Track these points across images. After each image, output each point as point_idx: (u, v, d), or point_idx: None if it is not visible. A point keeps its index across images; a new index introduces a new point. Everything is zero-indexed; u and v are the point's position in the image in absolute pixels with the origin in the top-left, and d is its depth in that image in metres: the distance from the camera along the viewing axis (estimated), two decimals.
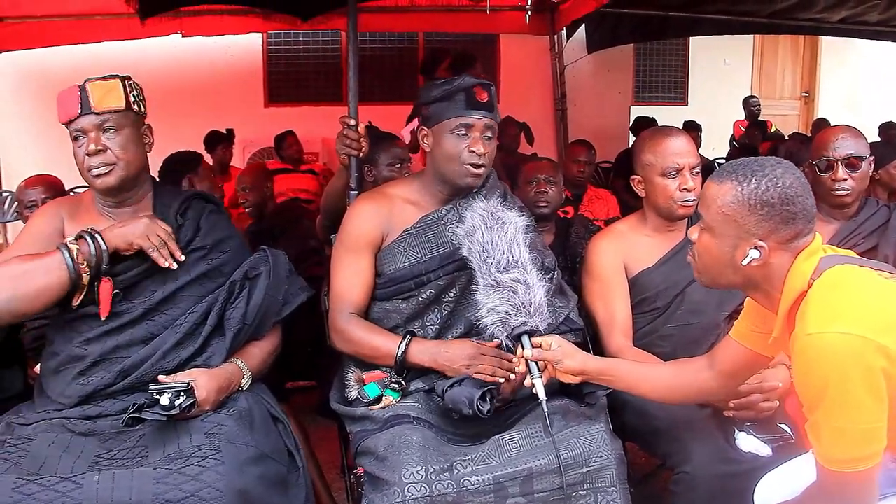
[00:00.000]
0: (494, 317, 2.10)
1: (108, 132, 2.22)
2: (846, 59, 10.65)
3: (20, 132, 7.17)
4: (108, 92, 2.22)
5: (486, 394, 2.15)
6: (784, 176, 1.71)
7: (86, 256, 2.15)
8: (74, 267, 2.13)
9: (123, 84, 2.25)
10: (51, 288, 2.13)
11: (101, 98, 2.21)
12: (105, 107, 2.21)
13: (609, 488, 2.04)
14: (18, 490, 1.87)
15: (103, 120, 2.21)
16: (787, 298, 1.73)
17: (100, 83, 2.23)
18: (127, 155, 2.25)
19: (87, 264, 2.15)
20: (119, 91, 2.23)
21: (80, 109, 2.20)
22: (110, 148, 2.22)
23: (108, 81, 2.24)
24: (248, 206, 4.45)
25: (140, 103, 2.30)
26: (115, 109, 2.22)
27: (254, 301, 2.36)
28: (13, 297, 2.10)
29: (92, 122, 2.21)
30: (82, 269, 2.14)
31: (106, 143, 2.22)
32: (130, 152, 2.26)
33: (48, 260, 2.14)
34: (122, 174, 2.26)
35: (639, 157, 2.59)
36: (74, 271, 2.13)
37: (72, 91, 2.21)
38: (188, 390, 2.11)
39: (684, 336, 2.52)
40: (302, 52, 8.63)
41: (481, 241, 2.17)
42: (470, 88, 2.33)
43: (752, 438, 2.23)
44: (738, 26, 6.89)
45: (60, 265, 2.13)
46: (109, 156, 2.22)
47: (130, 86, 2.27)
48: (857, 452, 1.58)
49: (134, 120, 2.28)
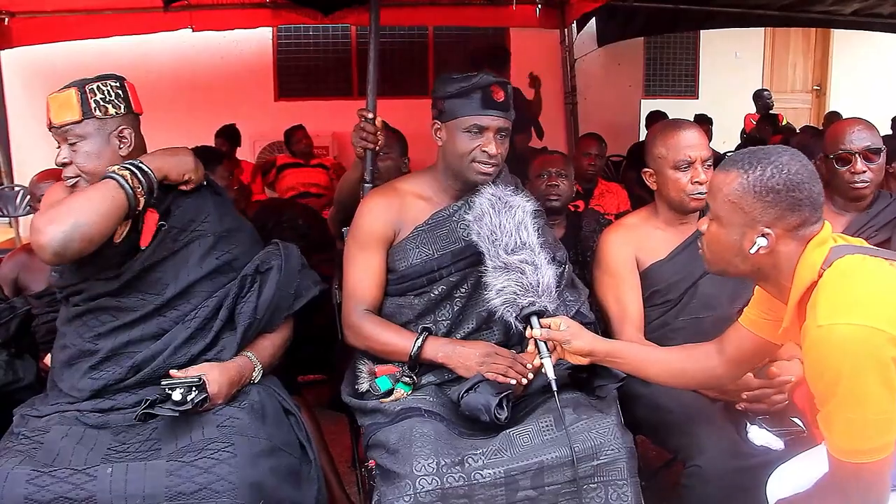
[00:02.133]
0: (503, 297, 2.11)
1: (73, 144, 2.20)
2: (858, 51, 10.58)
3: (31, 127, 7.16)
4: (60, 106, 2.18)
5: (503, 400, 2.16)
6: (790, 163, 1.71)
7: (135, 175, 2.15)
8: (132, 190, 2.12)
9: (80, 93, 2.18)
10: (113, 211, 2.10)
11: (56, 112, 2.18)
12: (61, 121, 2.18)
13: (620, 481, 2.04)
14: (32, 482, 1.89)
15: (64, 132, 2.19)
16: (797, 288, 1.73)
17: (56, 96, 2.19)
18: (89, 165, 2.20)
19: (142, 188, 2.15)
20: (72, 103, 2.17)
21: (49, 121, 2.20)
22: (74, 161, 2.20)
23: (63, 93, 2.18)
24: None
25: (108, 106, 2.21)
26: (70, 122, 2.18)
27: (265, 295, 2.36)
28: (78, 223, 2.05)
29: (58, 133, 2.20)
30: (139, 192, 2.14)
31: (71, 156, 2.20)
32: (94, 161, 2.20)
33: (104, 188, 2.11)
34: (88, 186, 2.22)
35: (650, 150, 2.58)
36: (132, 194, 2.12)
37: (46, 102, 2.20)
38: (200, 385, 2.11)
39: (696, 329, 2.51)
40: (312, 47, 8.64)
41: (490, 224, 2.18)
42: (487, 87, 2.32)
43: (764, 432, 2.23)
44: (750, 19, 6.86)
45: (117, 190, 2.11)
46: (74, 169, 2.21)
47: (92, 91, 2.19)
48: (870, 443, 1.58)
49: (97, 127, 2.20)
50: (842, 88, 10.98)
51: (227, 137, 6.97)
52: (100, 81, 2.22)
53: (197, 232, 2.34)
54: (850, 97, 10.43)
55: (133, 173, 2.14)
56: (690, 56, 10.39)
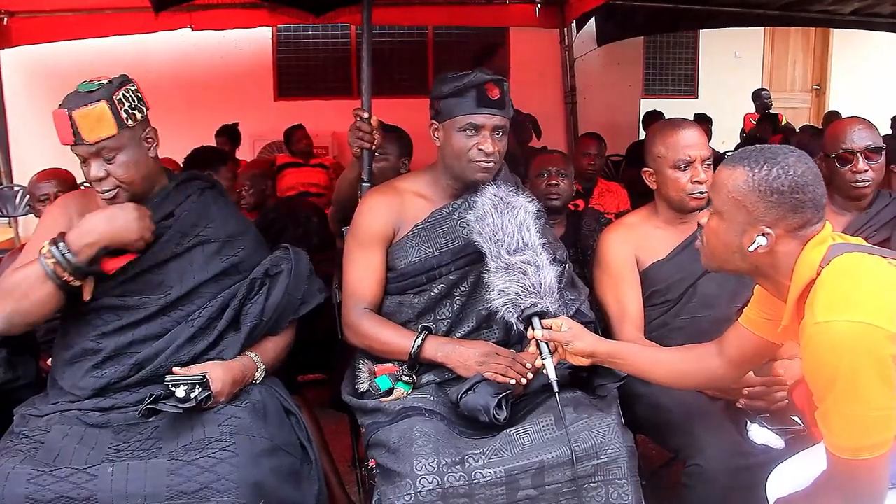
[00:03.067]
0: (505, 298, 2.11)
1: (107, 158, 2.17)
2: (858, 51, 10.58)
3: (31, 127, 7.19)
4: (96, 122, 2.11)
5: (502, 401, 2.16)
6: (796, 164, 1.70)
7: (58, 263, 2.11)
8: (55, 273, 2.10)
9: (111, 105, 2.12)
10: (46, 298, 2.12)
11: (91, 129, 2.11)
12: (97, 137, 2.12)
13: (620, 480, 2.04)
14: (33, 481, 1.89)
15: (99, 148, 2.14)
16: (795, 286, 1.73)
17: (86, 112, 2.10)
18: (129, 175, 2.19)
19: (69, 272, 2.12)
20: (107, 117, 2.12)
21: (73, 139, 2.12)
22: (111, 173, 2.18)
23: (94, 109, 2.10)
24: (246, 205, 4.46)
25: (136, 112, 2.19)
26: (106, 137, 2.13)
27: (273, 299, 2.36)
28: (15, 311, 2.11)
29: (88, 150, 2.14)
30: (66, 278, 2.12)
31: (107, 169, 2.17)
32: (132, 170, 2.20)
33: (33, 270, 2.11)
34: (128, 194, 2.22)
35: (650, 150, 2.58)
36: (56, 278, 2.11)
37: (62, 117, 2.11)
38: (204, 383, 2.12)
39: (696, 329, 2.51)
40: (312, 46, 8.64)
41: (492, 224, 2.18)
42: (481, 85, 2.31)
43: (764, 430, 2.23)
44: (750, 18, 6.86)
45: (44, 275, 2.10)
46: (112, 181, 2.19)
47: (119, 101, 2.15)
48: (868, 440, 1.59)
49: (130, 136, 2.18)
50: (841, 88, 10.99)
51: (229, 137, 6.97)
52: (122, 89, 2.16)
53: (200, 237, 2.34)
54: (850, 96, 10.44)
55: (57, 262, 2.11)
56: (690, 55, 10.40)
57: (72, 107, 2.10)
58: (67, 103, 2.12)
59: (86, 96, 2.12)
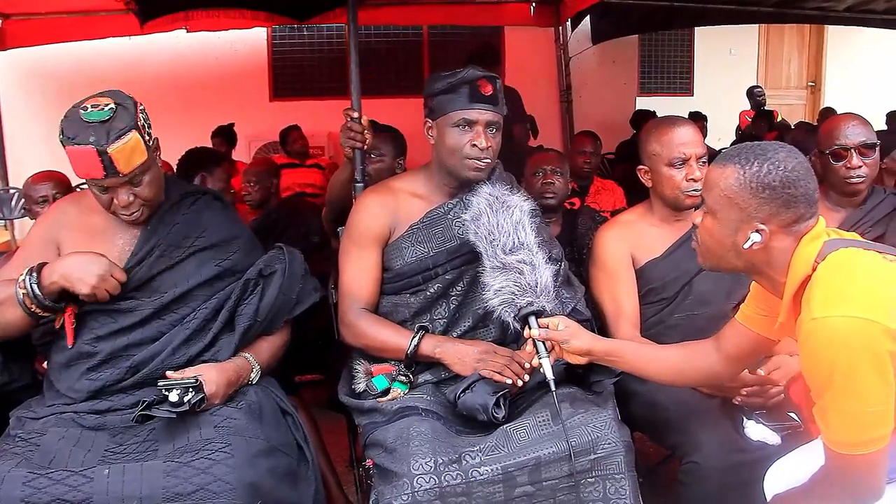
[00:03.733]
0: (501, 298, 2.12)
1: (136, 183, 2.17)
2: (852, 48, 10.60)
3: (27, 129, 7.18)
4: (132, 153, 2.09)
5: (500, 399, 2.16)
6: (786, 160, 1.71)
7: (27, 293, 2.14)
8: (23, 302, 2.14)
9: (140, 134, 2.11)
10: (15, 321, 2.18)
11: (127, 161, 2.09)
12: (133, 167, 2.11)
13: (617, 475, 2.04)
14: (29, 484, 1.88)
15: (132, 176, 2.13)
16: (791, 282, 1.73)
17: (121, 147, 2.05)
18: (153, 193, 2.22)
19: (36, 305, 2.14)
20: (140, 146, 2.11)
21: (104, 173, 2.08)
22: (138, 195, 2.18)
23: (129, 141, 2.07)
24: (251, 201, 4.46)
25: (151, 131, 2.19)
26: (140, 164, 2.13)
27: (267, 298, 2.36)
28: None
29: (120, 181, 2.13)
30: (29, 305, 2.14)
31: (135, 193, 2.17)
32: (155, 188, 2.23)
33: (8, 292, 2.15)
34: (151, 210, 2.26)
35: (645, 147, 2.58)
36: (24, 306, 2.14)
37: (89, 154, 2.04)
38: (197, 386, 2.11)
39: (692, 326, 2.52)
40: (307, 47, 8.62)
41: (487, 224, 2.18)
42: (474, 81, 2.31)
43: (761, 427, 2.23)
44: (745, 15, 6.85)
45: (15, 300, 2.14)
46: (138, 203, 2.20)
47: (142, 125, 2.13)
48: (865, 435, 1.59)
49: (153, 156, 2.19)
50: (836, 84, 11.01)
51: (224, 137, 6.96)
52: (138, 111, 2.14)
53: (193, 247, 2.34)
54: (845, 93, 10.46)
55: (26, 292, 2.13)
56: (685, 53, 10.41)
57: (102, 143, 2.04)
58: (85, 138, 2.04)
59: (108, 127, 2.06)
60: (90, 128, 2.06)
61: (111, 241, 2.29)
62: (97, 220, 2.30)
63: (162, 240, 2.30)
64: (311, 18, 5.33)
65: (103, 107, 2.09)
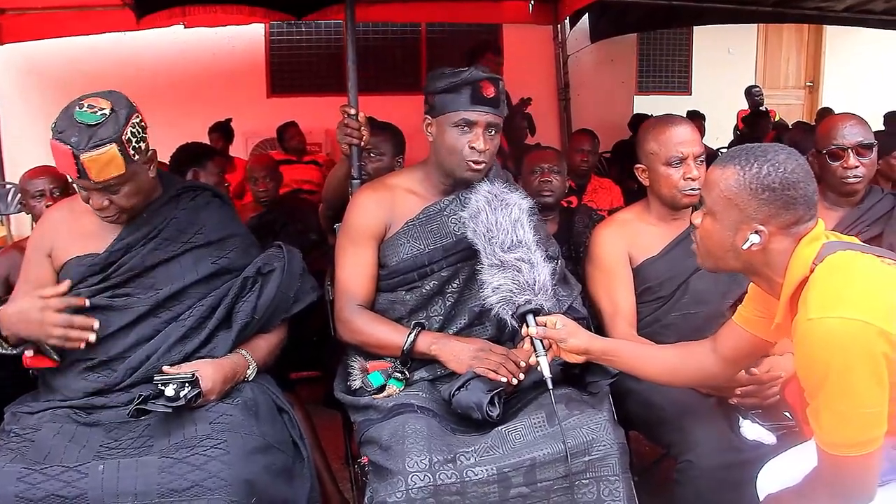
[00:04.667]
0: (499, 295, 2.11)
1: (112, 191, 2.15)
2: (851, 48, 10.60)
3: (23, 124, 7.17)
4: (105, 165, 2.06)
5: (495, 397, 2.16)
6: (786, 161, 1.71)
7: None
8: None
9: (120, 148, 2.07)
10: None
11: (100, 171, 2.07)
12: (105, 177, 2.09)
13: (611, 477, 2.04)
14: (23, 479, 1.88)
15: (105, 185, 2.12)
16: (789, 284, 1.73)
17: (94, 157, 2.04)
18: (131, 202, 2.20)
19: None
20: (117, 160, 2.07)
21: (78, 175, 2.08)
22: (115, 202, 2.17)
23: (104, 153, 2.04)
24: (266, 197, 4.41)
25: (141, 145, 2.15)
26: (116, 176, 2.10)
27: (265, 296, 2.36)
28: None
29: (93, 186, 2.12)
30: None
31: (111, 199, 2.16)
32: (134, 198, 2.20)
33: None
34: (130, 215, 2.25)
35: (643, 146, 2.58)
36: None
37: (65, 154, 2.04)
38: (193, 381, 2.11)
39: (688, 325, 2.52)
40: (304, 43, 8.60)
41: (486, 222, 2.18)
42: (476, 83, 2.31)
43: (756, 426, 2.23)
44: (744, 15, 6.84)
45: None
46: (114, 208, 2.19)
47: (128, 140, 2.09)
48: (859, 437, 1.59)
49: (135, 168, 2.15)
50: (834, 84, 11.01)
51: (222, 133, 6.95)
52: (129, 124, 2.10)
53: (190, 243, 2.34)
54: (843, 93, 10.46)
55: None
56: (683, 52, 10.40)
57: (79, 147, 2.03)
58: (68, 136, 2.04)
59: (91, 132, 2.04)
60: (76, 128, 2.05)
61: (103, 239, 2.29)
62: (87, 221, 2.30)
63: (156, 231, 2.30)
64: (308, 15, 5.33)
65: (97, 110, 2.08)
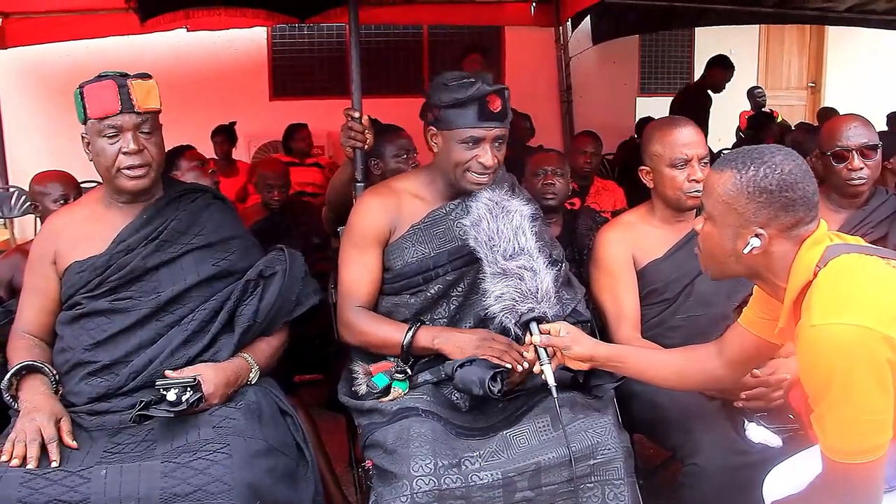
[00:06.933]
0: (502, 304, 2.10)
1: (145, 133, 2.21)
2: (853, 48, 10.57)
3: (26, 128, 7.18)
4: (148, 93, 2.21)
5: (497, 375, 2.14)
6: (783, 163, 1.70)
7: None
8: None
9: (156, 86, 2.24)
10: None
11: (144, 98, 2.19)
12: (147, 107, 2.20)
13: (616, 481, 2.04)
14: (26, 485, 1.88)
15: (143, 120, 2.20)
16: (792, 288, 1.72)
17: (141, 82, 2.20)
18: (160, 156, 2.26)
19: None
20: (156, 93, 2.23)
21: (120, 107, 2.17)
22: (147, 149, 2.22)
23: (147, 81, 2.22)
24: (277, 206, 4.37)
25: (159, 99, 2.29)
26: (153, 110, 2.23)
27: (267, 299, 2.35)
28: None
29: (132, 121, 2.18)
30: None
31: (144, 144, 2.21)
32: (159, 152, 2.26)
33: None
34: (155, 176, 2.28)
35: (647, 148, 2.58)
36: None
37: (108, 86, 2.17)
38: (195, 385, 2.10)
39: (693, 327, 2.51)
40: (307, 46, 8.61)
41: (487, 230, 2.16)
42: (483, 98, 2.26)
43: (762, 429, 2.23)
44: (745, 16, 6.85)
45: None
46: (146, 156, 2.22)
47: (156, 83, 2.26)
48: (863, 444, 1.58)
49: (159, 123, 2.28)
50: (837, 85, 10.98)
51: (226, 135, 6.94)
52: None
53: (191, 245, 2.34)
54: (845, 94, 10.43)
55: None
56: (685, 54, 10.38)
57: (124, 78, 2.19)
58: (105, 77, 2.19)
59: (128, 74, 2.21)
60: (106, 75, 2.21)
61: (104, 241, 2.29)
62: (88, 226, 2.32)
63: (157, 233, 2.30)
64: (311, 17, 5.32)
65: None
